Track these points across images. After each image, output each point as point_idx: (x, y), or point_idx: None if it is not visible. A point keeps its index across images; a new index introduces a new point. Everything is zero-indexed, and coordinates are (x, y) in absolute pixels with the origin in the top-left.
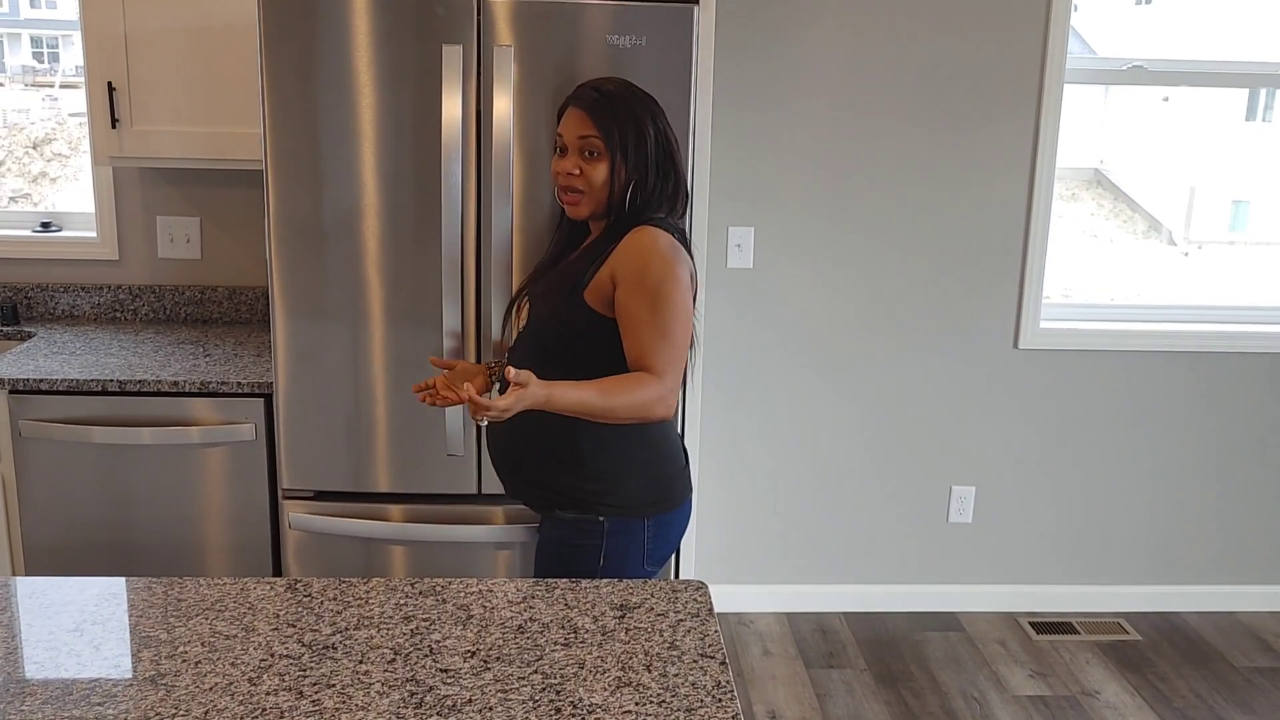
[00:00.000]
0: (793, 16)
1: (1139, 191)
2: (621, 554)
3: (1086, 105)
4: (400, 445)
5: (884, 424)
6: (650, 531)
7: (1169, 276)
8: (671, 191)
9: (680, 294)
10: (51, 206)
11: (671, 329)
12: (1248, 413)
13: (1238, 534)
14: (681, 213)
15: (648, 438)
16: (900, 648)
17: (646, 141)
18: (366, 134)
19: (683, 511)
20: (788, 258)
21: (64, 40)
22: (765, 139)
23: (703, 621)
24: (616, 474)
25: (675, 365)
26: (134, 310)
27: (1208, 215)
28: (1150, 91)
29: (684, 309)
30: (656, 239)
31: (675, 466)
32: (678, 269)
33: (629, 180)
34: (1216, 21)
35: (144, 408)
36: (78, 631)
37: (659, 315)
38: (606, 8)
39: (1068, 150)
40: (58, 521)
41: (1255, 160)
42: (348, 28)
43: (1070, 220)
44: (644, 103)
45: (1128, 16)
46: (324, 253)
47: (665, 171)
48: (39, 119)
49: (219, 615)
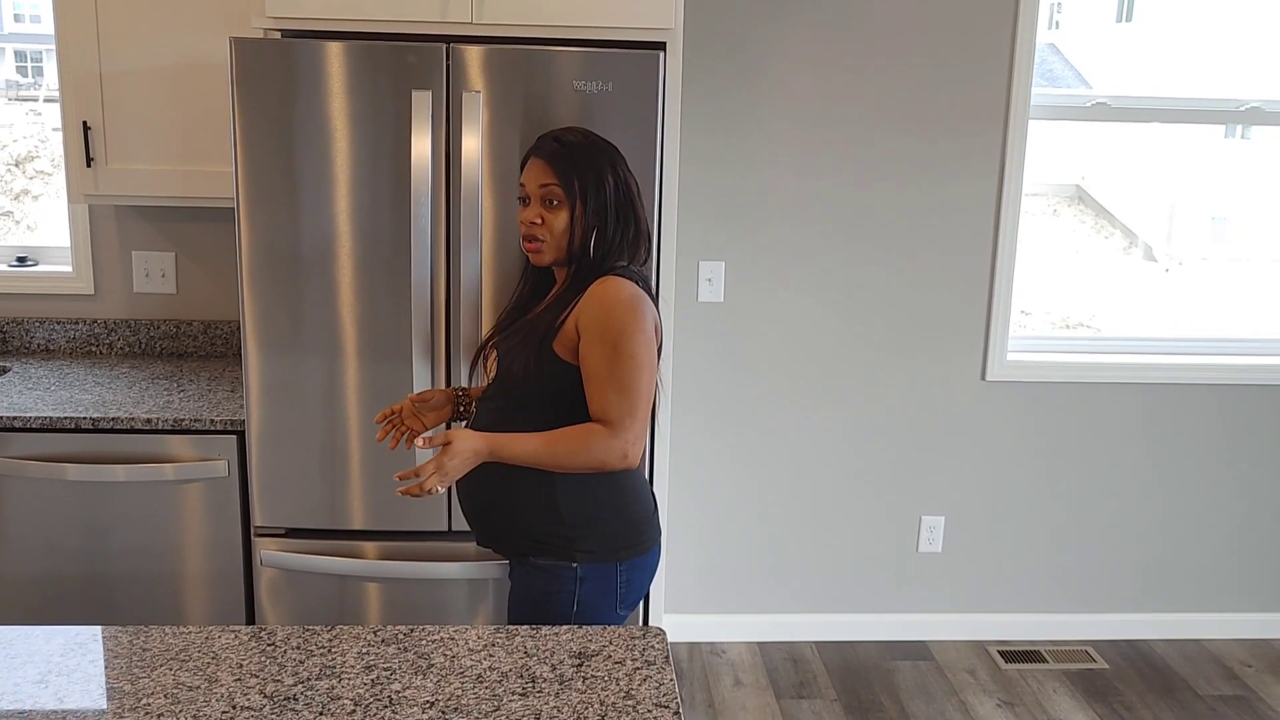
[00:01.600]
0: (759, 56)
1: (1120, 208)
2: (595, 599)
3: (1068, 123)
4: (373, 482)
5: (854, 455)
6: (623, 576)
7: (1149, 293)
8: (633, 238)
9: (641, 345)
10: (34, 225)
11: (630, 380)
12: (1214, 442)
13: (1205, 562)
14: (644, 259)
15: (620, 483)
16: (870, 677)
17: (605, 189)
18: (339, 174)
19: (654, 555)
20: (758, 291)
21: (48, 54)
22: (734, 175)
23: (659, 670)
24: (591, 519)
25: (634, 416)
26: (109, 344)
27: (1188, 231)
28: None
29: (645, 359)
30: (620, 289)
31: (646, 510)
32: (640, 319)
33: (589, 228)
34: (1198, 42)
35: (118, 444)
36: (42, 683)
37: (618, 367)
38: (574, 55)
39: (1049, 166)
40: (32, 557)
41: (1234, 177)
42: (320, 72)
43: (1051, 236)
44: (604, 151)
45: (1109, 35)
46: (296, 289)
47: (625, 218)
48: (22, 135)
49: (183, 665)
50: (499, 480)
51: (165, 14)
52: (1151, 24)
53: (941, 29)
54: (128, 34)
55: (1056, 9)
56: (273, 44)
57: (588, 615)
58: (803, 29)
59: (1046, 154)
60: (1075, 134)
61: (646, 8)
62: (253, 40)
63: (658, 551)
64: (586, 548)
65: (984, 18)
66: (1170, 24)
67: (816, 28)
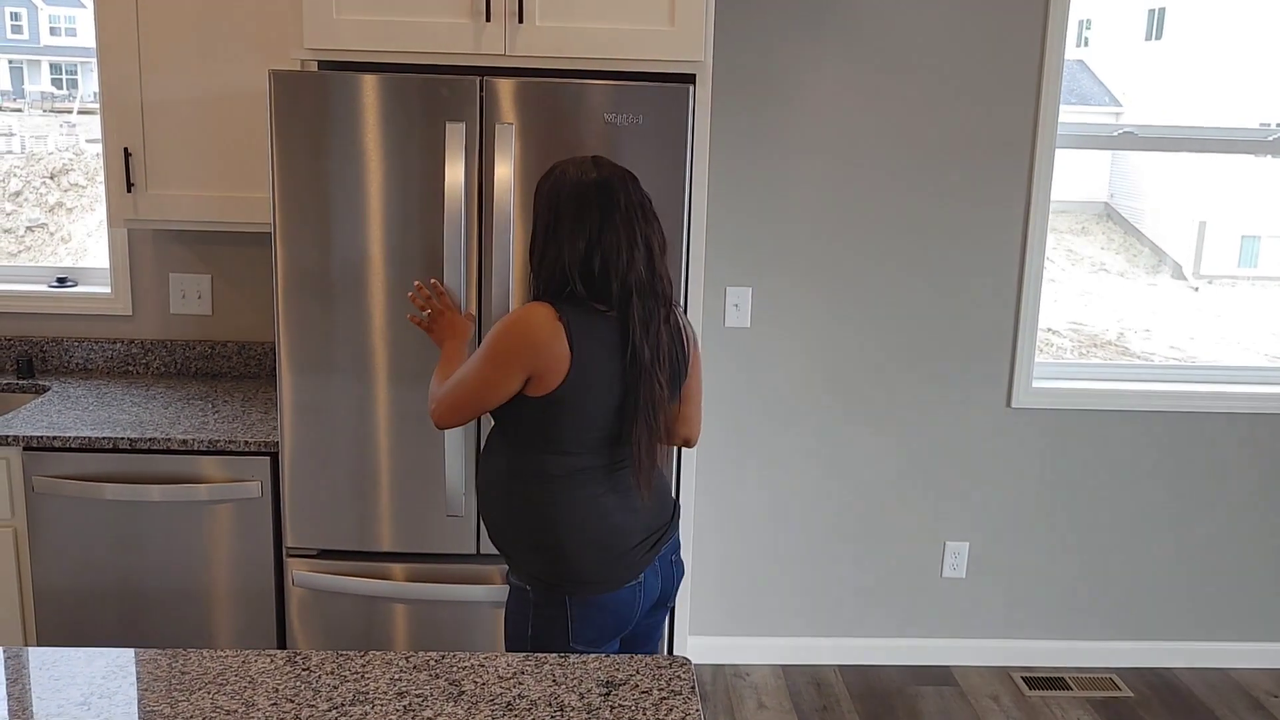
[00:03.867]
0: (786, 84)
1: (1149, 226)
2: (548, 628)
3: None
4: (402, 505)
5: (879, 480)
6: (575, 611)
7: (1178, 312)
8: (547, 270)
9: (489, 355)
10: (68, 236)
11: (462, 372)
12: (1240, 471)
13: (1232, 590)
14: (585, 299)
15: (584, 519)
16: (893, 702)
17: (537, 224)
18: (373, 201)
19: (620, 597)
20: (784, 317)
21: (83, 67)
22: (762, 202)
23: (685, 699)
24: (544, 547)
25: (449, 394)
26: (146, 364)
27: (1218, 250)
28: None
29: (485, 366)
30: (517, 312)
31: (611, 553)
32: (504, 335)
33: (530, 253)
34: (1227, 61)
35: (154, 465)
36: (85, 705)
37: (476, 356)
38: (605, 88)
39: (1078, 184)
40: (69, 574)
41: (1265, 196)
42: (356, 103)
43: (1079, 254)
44: (552, 179)
45: (1138, 53)
46: (330, 313)
47: (550, 259)
48: (56, 148)
49: (220, 689)
50: (491, 480)
51: (205, 44)
52: (1181, 42)
53: (969, 57)
54: (168, 64)
55: (1086, 26)
56: (310, 76)
57: (542, 643)
58: (830, 56)
59: (1075, 172)
60: (1104, 152)
61: (677, 41)
62: (291, 73)
63: (630, 594)
64: (540, 574)
65: (1011, 45)
66: (1200, 42)
67: (843, 56)
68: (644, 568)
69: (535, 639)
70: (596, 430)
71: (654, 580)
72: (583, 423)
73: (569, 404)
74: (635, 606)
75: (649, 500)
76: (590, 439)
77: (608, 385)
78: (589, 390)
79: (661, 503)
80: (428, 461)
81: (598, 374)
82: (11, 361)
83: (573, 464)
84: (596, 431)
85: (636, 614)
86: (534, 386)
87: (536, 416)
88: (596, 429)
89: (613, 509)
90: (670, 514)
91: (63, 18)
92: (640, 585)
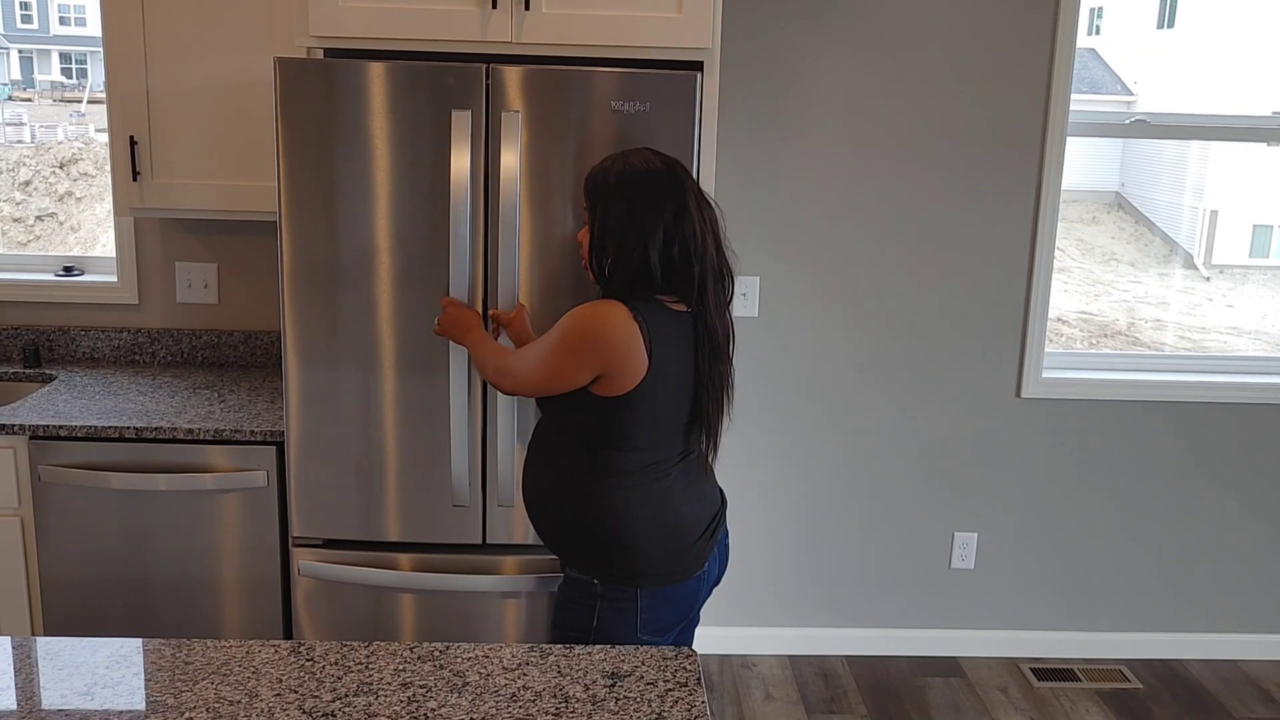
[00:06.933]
0: (794, 73)
1: (1160, 215)
2: (614, 619)
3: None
4: (408, 494)
5: (887, 470)
6: (645, 602)
7: (1189, 302)
8: (631, 268)
9: (561, 346)
10: (77, 225)
11: (542, 352)
12: (1251, 462)
13: (1242, 582)
14: (660, 289)
15: (657, 513)
16: (901, 693)
17: (610, 215)
18: (379, 189)
19: (686, 587)
20: (792, 307)
21: (92, 56)
22: (770, 192)
23: (690, 691)
24: (616, 543)
25: (527, 370)
26: (152, 353)
27: (1229, 240)
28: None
29: (560, 356)
30: (590, 308)
31: (683, 543)
32: (579, 333)
33: (594, 249)
34: (1239, 49)
35: (160, 454)
36: (88, 695)
37: (546, 341)
38: (612, 75)
39: (1088, 173)
40: (75, 564)
41: (1277, 185)
42: (361, 91)
43: (1090, 243)
44: (629, 179)
45: (1150, 41)
46: (336, 302)
47: (621, 247)
48: (66, 138)
49: (224, 680)
50: (551, 479)
51: (210, 34)
52: (1193, 30)
53: (979, 45)
54: (174, 53)
55: (1097, 14)
56: (316, 64)
57: (606, 634)
58: (838, 46)
59: (1086, 161)
60: (1115, 141)
61: (684, 29)
62: (297, 61)
63: (696, 584)
64: (609, 568)
65: (1022, 33)
66: (1212, 30)
67: (852, 45)
68: (707, 557)
69: (600, 630)
70: (670, 424)
71: (713, 567)
72: (657, 419)
73: (644, 405)
74: (700, 595)
75: (713, 482)
76: (662, 433)
77: (681, 383)
78: (665, 391)
79: (715, 487)
80: (434, 451)
81: (673, 374)
82: (18, 350)
83: (646, 459)
84: (670, 425)
85: (700, 602)
86: (604, 386)
87: (607, 416)
88: (670, 423)
89: (681, 500)
90: (721, 499)
91: (72, 7)
92: (704, 574)
